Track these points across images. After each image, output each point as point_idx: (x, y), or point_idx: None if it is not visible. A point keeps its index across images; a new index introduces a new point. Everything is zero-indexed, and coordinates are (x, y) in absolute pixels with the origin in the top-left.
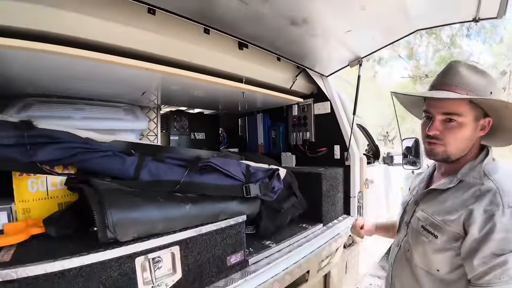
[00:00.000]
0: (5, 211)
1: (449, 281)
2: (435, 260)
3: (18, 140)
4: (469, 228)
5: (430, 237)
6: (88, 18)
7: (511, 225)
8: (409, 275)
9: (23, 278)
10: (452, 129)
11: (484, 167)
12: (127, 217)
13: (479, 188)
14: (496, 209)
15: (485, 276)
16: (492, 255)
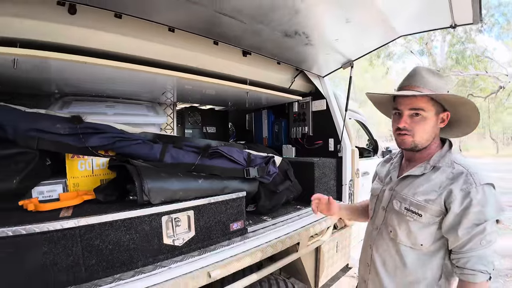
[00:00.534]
0: (61, 184)
1: (430, 253)
2: (420, 236)
3: (72, 131)
4: (450, 205)
5: (415, 216)
6: (124, 38)
7: (484, 199)
8: (393, 254)
9: (83, 226)
10: (418, 122)
11: (451, 156)
12: (157, 186)
13: (452, 172)
14: (471, 187)
15: (468, 244)
16: (473, 225)
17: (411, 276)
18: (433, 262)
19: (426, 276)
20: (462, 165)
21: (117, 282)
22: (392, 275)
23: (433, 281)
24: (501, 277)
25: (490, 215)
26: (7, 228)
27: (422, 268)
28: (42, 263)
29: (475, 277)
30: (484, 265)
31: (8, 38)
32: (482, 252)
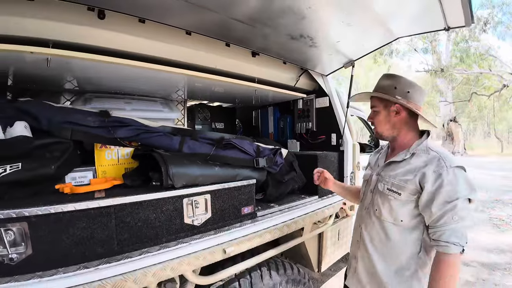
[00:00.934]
0: (91, 171)
1: (410, 228)
2: (400, 213)
3: (102, 124)
4: (425, 185)
5: (395, 195)
6: (147, 41)
7: (454, 180)
8: (378, 229)
9: (117, 205)
10: (375, 116)
11: (427, 144)
12: (179, 171)
13: (426, 157)
14: (442, 170)
15: (441, 219)
16: (444, 202)
17: (395, 249)
18: (413, 237)
19: (408, 249)
20: (436, 151)
21: (145, 254)
22: (378, 249)
23: (414, 254)
24: (499, 271)
25: (460, 194)
26: (49, 207)
27: (404, 242)
28: (81, 236)
29: (448, 248)
30: (457, 238)
31: (42, 39)
32: (454, 226)
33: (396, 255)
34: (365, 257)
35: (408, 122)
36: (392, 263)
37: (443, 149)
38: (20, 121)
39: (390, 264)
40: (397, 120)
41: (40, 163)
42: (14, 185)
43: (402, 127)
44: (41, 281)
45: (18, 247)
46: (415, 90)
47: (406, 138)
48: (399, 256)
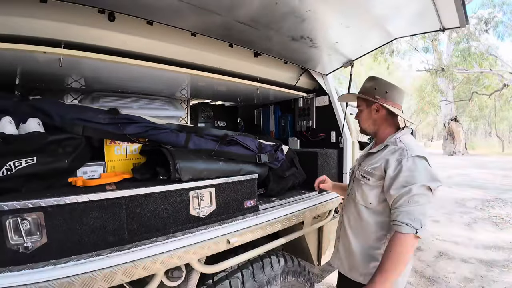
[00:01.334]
0: (101, 165)
1: (378, 211)
2: (369, 196)
3: (112, 120)
4: (387, 171)
5: (365, 180)
6: (154, 42)
7: (413, 167)
8: (354, 211)
9: (127, 196)
10: (359, 114)
11: (399, 137)
12: (186, 165)
13: (394, 147)
14: (403, 158)
15: (398, 201)
16: (401, 186)
17: (366, 229)
18: (381, 219)
19: (377, 230)
20: (403, 143)
21: (153, 243)
22: (353, 228)
23: (382, 235)
24: (497, 267)
25: (417, 180)
26: (65, 197)
27: (373, 223)
28: (94, 226)
29: (402, 228)
30: (411, 220)
31: (54, 40)
32: (409, 209)
33: (367, 234)
34: (344, 236)
35: (387, 118)
36: (364, 241)
37: (411, 142)
38: (33, 118)
39: (363, 242)
40: (377, 117)
41: (54, 157)
42: (30, 178)
43: (382, 123)
44: (55, 268)
45: (33, 236)
46: (392, 91)
47: (385, 133)
48: (370, 236)
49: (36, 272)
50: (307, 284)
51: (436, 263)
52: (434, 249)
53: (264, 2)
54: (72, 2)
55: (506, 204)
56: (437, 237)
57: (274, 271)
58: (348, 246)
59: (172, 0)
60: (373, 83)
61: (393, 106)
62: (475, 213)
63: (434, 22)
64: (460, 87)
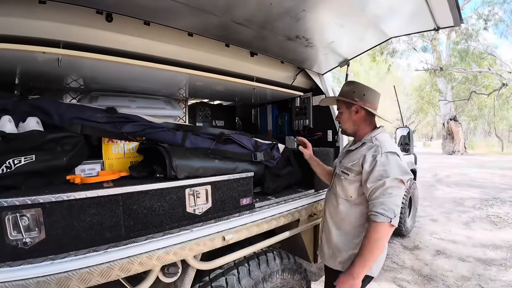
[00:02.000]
0: (99, 163)
1: (357, 203)
2: (349, 190)
3: (109, 119)
4: (364, 166)
5: (345, 175)
6: (151, 42)
7: (386, 162)
8: (334, 204)
9: (125, 193)
10: (340, 116)
11: (375, 135)
12: (182, 163)
13: (370, 145)
14: (378, 154)
15: (374, 194)
16: (376, 180)
17: (345, 220)
18: (359, 210)
19: (356, 221)
20: (378, 140)
21: (150, 240)
22: (334, 219)
23: (361, 225)
24: (495, 266)
25: (390, 173)
26: (63, 194)
27: (353, 214)
28: (91, 222)
29: (377, 217)
30: (384, 210)
31: (53, 40)
32: (383, 200)
33: (347, 225)
34: (326, 228)
35: (366, 119)
36: (344, 231)
37: (385, 139)
38: (33, 117)
39: (343, 232)
40: (357, 118)
41: (53, 155)
42: (29, 175)
43: (361, 123)
44: (53, 263)
45: (32, 232)
46: (369, 93)
47: (364, 132)
48: (349, 226)
49: (34, 267)
50: (303, 282)
51: (433, 262)
52: (432, 248)
53: (259, 3)
54: (71, 3)
55: (504, 203)
56: (435, 236)
57: (270, 268)
58: (329, 236)
59: (169, 1)
60: (352, 86)
61: (370, 107)
62: (473, 212)
63: (428, 21)
64: (459, 87)
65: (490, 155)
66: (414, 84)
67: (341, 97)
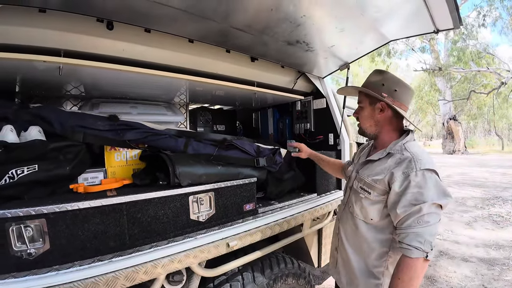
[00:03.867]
0: (101, 172)
1: (380, 227)
2: (369, 211)
3: (111, 127)
4: (392, 185)
5: (365, 194)
6: (152, 49)
7: (423, 182)
8: (352, 225)
9: (129, 202)
10: (359, 111)
11: (404, 144)
12: (185, 170)
13: (400, 157)
14: (411, 171)
15: (406, 221)
16: (410, 204)
17: (365, 245)
18: (383, 236)
19: (378, 247)
20: (410, 152)
21: (154, 248)
22: (351, 243)
23: (384, 252)
24: (498, 266)
25: (427, 197)
26: (66, 204)
27: (374, 239)
28: (96, 232)
29: (411, 252)
30: (420, 243)
31: (54, 49)
32: (418, 230)
33: (366, 251)
34: (342, 249)
35: (392, 120)
36: (364, 258)
37: (420, 150)
38: (34, 126)
39: (362, 258)
40: (381, 118)
41: (56, 164)
42: (32, 185)
43: (385, 125)
44: (58, 273)
45: (36, 242)
46: (402, 89)
47: (387, 137)
48: (370, 253)
49: (39, 278)
50: (307, 286)
51: (436, 263)
52: (435, 249)
53: (259, 9)
54: (71, 11)
55: (506, 202)
56: (438, 237)
57: (274, 273)
58: (347, 260)
59: (169, 9)
60: (381, 77)
61: (400, 107)
62: (475, 212)
63: (428, 24)
64: (458, 86)
65: (490, 154)
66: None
67: (365, 88)
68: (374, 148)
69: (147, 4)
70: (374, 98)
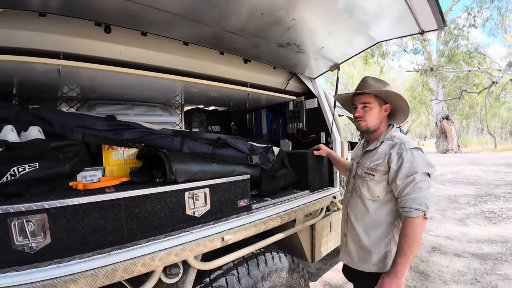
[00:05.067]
0: (100, 170)
1: (385, 202)
2: (376, 190)
3: (110, 127)
4: (390, 164)
5: (370, 176)
6: (148, 51)
7: (412, 158)
8: (361, 207)
9: (127, 197)
10: (367, 111)
11: (392, 133)
12: (181, 167)
13: (391, 143)
14: (403, 151)
15: (404, 190)
16: (405, 176)
17: (374, 220)
18: (388, 208)
19: (385, 219)
20: (398, 138)
21: (152, 242)
22: (361, 223)
23: (391, 222)
24: (491, 261)
25: (418, 169)
26: (67, 199)
27: (381, 213)
28: (95, 226)
29: (412, 213)
30: (418, 204)
31: (53, 52)
32: (415, 195)
33: (376, 225)
34: (352, 231)
35: (387, 118)
36: (374, 232)
37: (404, 136)
38: (34, 126)
39: (372, 233)
40: (383, 116)
41: (56, 162)
42: (33, 182)
43: (384, 121)
44: (59, 266)
45: (37, 237)
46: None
47: (381, 130)
48: (379, 226)
49: (40, 271)
50: (301, 280)
51: (429, 258)
52: (428, 245)
53: (250, 13)
54: (70, 16)
55: (498, 198)
56: (430, 233)
57: (268, 267)
58: (358, 240)
59: (165, 13)
60: (382, 84)
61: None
62: (468, 209)
63: (413, 25)
64: (450, 86)
65: (483, 152)
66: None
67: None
68: (368, 142)
69: (144, 9)
70: (381, 99)
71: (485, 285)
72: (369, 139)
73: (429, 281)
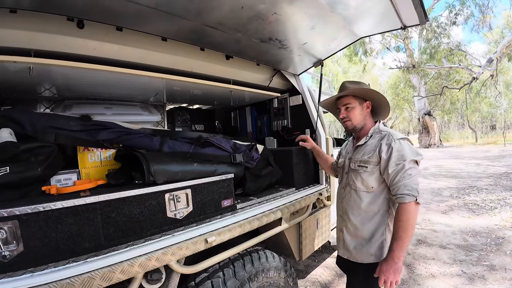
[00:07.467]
0: (75, 173)
1: (379, 192)
2: (369, 181)
3: (84, 127)
4: (381, 155)
5: (363, 168)
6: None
7: (400, 147)
8: (356, 200)
9: (102, 201)
10: (350, 111)
11: (379, 128)
12: (160, 168)
13: (380, 136)
14: (391, 141)
15: (395, 178)
16: (395, 164)
17: (370, 211)
18: (382, 198)
19: (380, 208)
20: (385, 131)
21: (130, 247)
22: (357, 215)
23: (385, 211)
24: (476, 252)
25: (406, 156)
26: (38, 205)
27: (376, 203)
28: (70, 232)
29: (404, 199)
30: (409, 190)
31: (24, 49)
32: (405, 182)
33: (372, 216)
34: (348, 225)
35: (369, 113)
36: (370, 223)
37: (389, 129)
38: (5, 128)
39: (368, 224)
40: (367, 113)
41: (27, 166)
42: (4, 187)
43: (368, 118)
44: (33, 275)
45: (10, 245)
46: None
47: (368, 126)
48: (374, 216)
49: (14, 280)
50: (289, 279)
51: (415, 251)
52: (413, 238)
53: (230, 7)
54: (41, 11)
55: (481, 191)
56: (416, 226)
57: (255, 268)
58: (355, 232)
59: (140, 6)
60: (358, 85)
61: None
62: (451, 201)
63: (395, 21)
64: (432, 82)
65: (464, 146)
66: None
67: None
68: (357, 138)
69: (117, 2)
70: (361, 98)
71: (472, 276)
72: (359, 136)
73: (415, 273)
